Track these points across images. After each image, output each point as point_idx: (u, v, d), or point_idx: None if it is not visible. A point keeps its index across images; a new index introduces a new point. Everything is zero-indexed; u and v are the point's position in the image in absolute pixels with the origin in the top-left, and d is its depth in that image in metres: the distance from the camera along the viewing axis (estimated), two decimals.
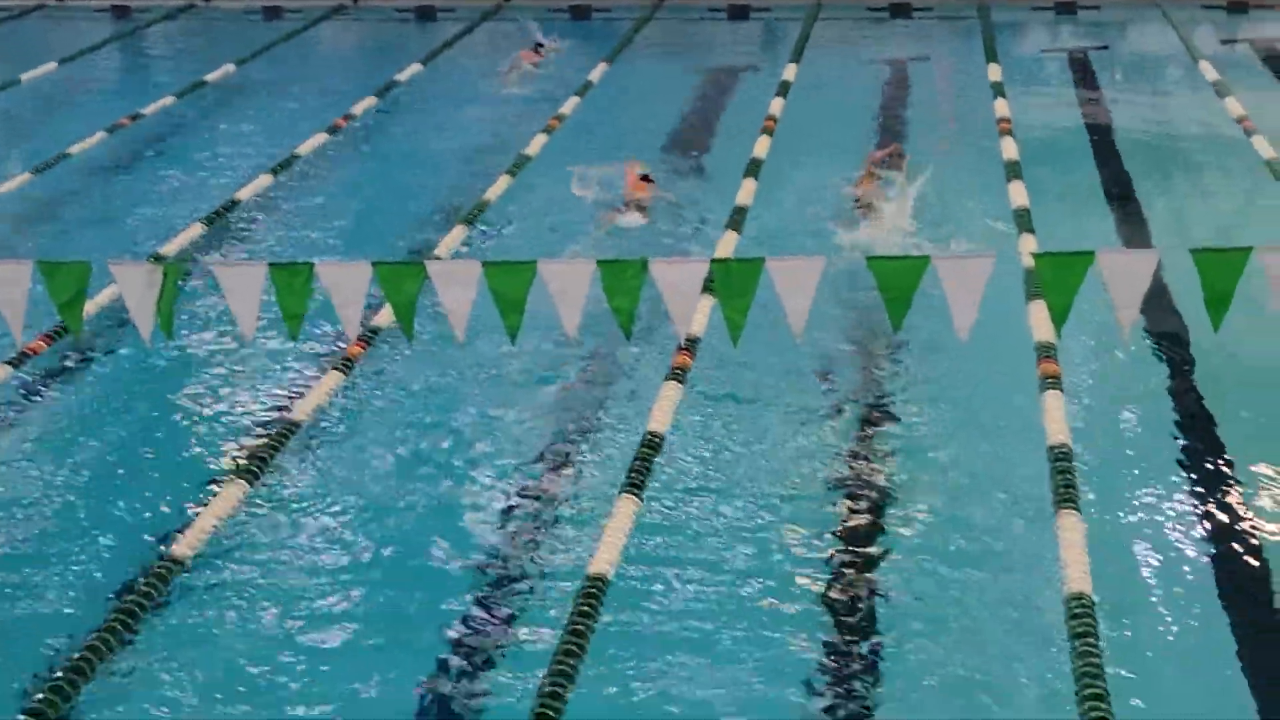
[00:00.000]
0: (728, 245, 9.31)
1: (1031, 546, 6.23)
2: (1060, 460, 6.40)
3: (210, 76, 15.25)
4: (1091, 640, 5.16)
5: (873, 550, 6.38)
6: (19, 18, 19.49)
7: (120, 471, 7.26)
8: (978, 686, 5.46)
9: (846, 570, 6.23)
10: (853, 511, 6.67)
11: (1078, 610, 5.34)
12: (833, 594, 6.07)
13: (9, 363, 7.82)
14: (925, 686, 5.51)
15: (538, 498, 6.89)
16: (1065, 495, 6.12)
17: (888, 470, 7.05)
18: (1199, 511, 6.65)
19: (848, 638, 5.80)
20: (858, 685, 5.50)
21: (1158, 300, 8.47)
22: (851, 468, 7.07)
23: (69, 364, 8.41)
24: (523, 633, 5.88)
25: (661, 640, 5.76)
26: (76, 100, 15.22)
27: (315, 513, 6.75)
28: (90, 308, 7.52)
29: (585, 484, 7.01)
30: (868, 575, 6.20)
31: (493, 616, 5.99)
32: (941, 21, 18.06)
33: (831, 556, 6.34)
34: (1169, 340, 8.31)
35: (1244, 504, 6.67)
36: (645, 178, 11.23)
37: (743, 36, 18.16)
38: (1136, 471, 7.02)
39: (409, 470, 7.15)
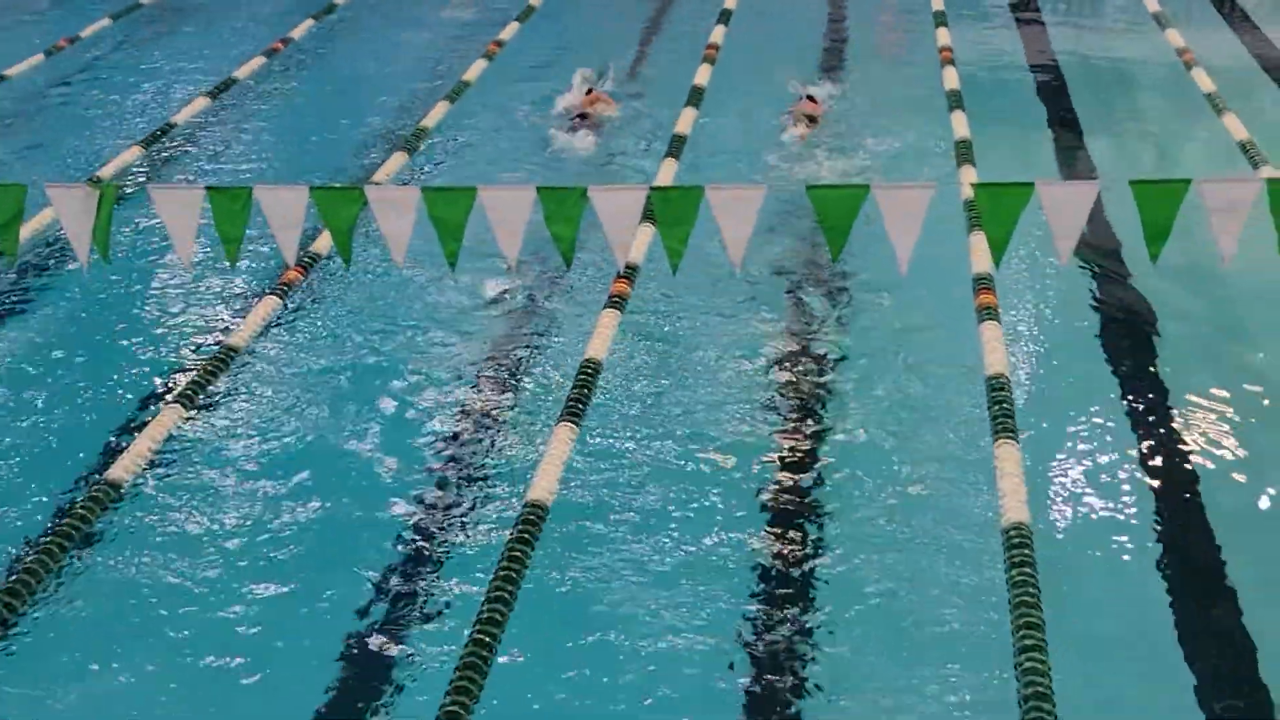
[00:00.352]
0: (667, 173, 9.29)
1: (970, 477, 6.30)
2: (998, 390, 6.45)
3: None
4: (1029, 570, 5.23)
5: (811, 480, 6.42)
6: None
7: (57, 396, 7.19)
8: (916, 617, 5.54)
9: (784, 500, 6.27)
10: (790, 442, 6.71)
11: (1015, 540, 5.41)
12: (769, 525, 6.12)
13: None
14: (860, 615, 5.58)
15: (476, 425, 6.89)
16: (1003, 425, 6.18)
17: (827, 401, 7.09)
18: (1137, 441, 6.73)
19: (785, 567, 5.85)
20: (795, 615, 5.56)
21: (1097, 231, 8.53)
22: (791, 398, 7.10)
23: (5, 289, 8.30)
24: (461, 562, 5.89)
25: (599, 568, 5.80)
26: (11, 23, 14.92)
27: (251, 438, 6.72)
28: (25, 231, 7.41)
29: (524, 411, 7.02)
30: (806, 505, 6.25)
31: (430, 544, 6.00)
32: None
33: (769, 487, 6.38)
34: (1108, 271, 8.38)
35: (1181, 433, 6.76)
36: (591, 92, 11.36)
37: None
38: (1075, 401, 7.10)
39: (346, 397, 7.13)
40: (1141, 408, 7.02)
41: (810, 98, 11.28)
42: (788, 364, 7.40)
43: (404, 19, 14.79)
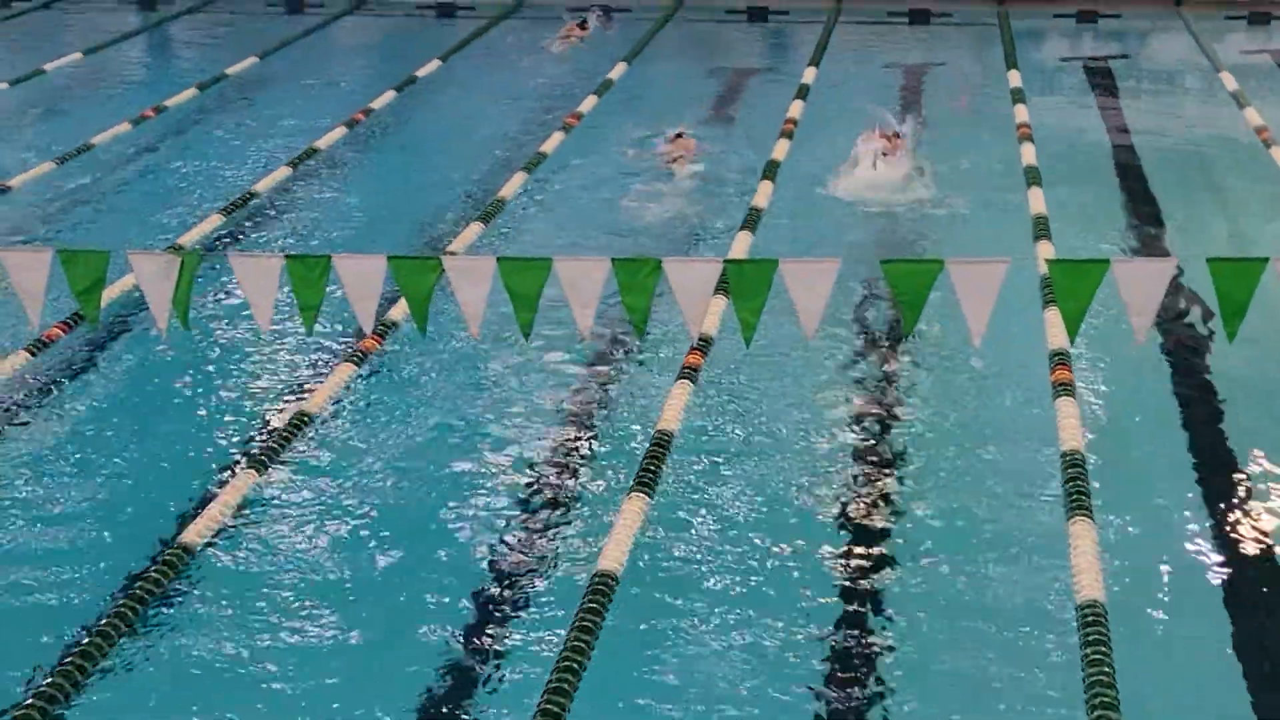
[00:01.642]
0: (741, 246, 9.32)
1: (1044, 553, 6.22)
2: (1073, 467, 6.39)
3: (232, 69, 15.31)
4: (1104, 649, 5.15)
5: (884, 554, 6.37)
6: (45, 8, 19.58)
7: (133, 460, 7.29)
8: (989, 693, 5.46)
9: (856, 574, 6.22)
10: (863, 515, 6.67)
11: (1090, 618, 5.34)
12: (844, 598, 6.07)
13: (27, 349, 7.85)
14: (936, 689, 5.51)
15: (548, 494, 6.90)
16: (1078, 502, 6.11)
17: (899, 475, 7.04)
18: (1211, 520, 6.63)
19: (858, 642, 5.79)
20: (868, 689, 5.50)
21: (1174, 308, 8.47)
22: (863, 472, 7.06)
23: (86, 352, 8.43)
24: (531, 629, 5.88)
25: (669, 638, 5.77)
26: (100, 91, 15.28)
27: (324, 505, 6.77)
28: (108, 296, 7.54)
29: (595, 481, 7.02)
30: (878, 579, 6.19)
31: (501, 612, 6.00)
32: (960, 28, 18.04)
33: (842, 560, 6.33)
34: (1185, 348, 8.29)
35: (1256, 512, 6.66)
36: (679, 135, 12.01)
37: (761, 39, 18.19)
38: (1151, 479, 7.00)
39: (418, 464, 7.16)
40: (1219, 487, 6.91)
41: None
42: (860, 437, 7.36)
43: (483, 91, 14.99)
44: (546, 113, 13.64)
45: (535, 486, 6.96)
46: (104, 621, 5.61)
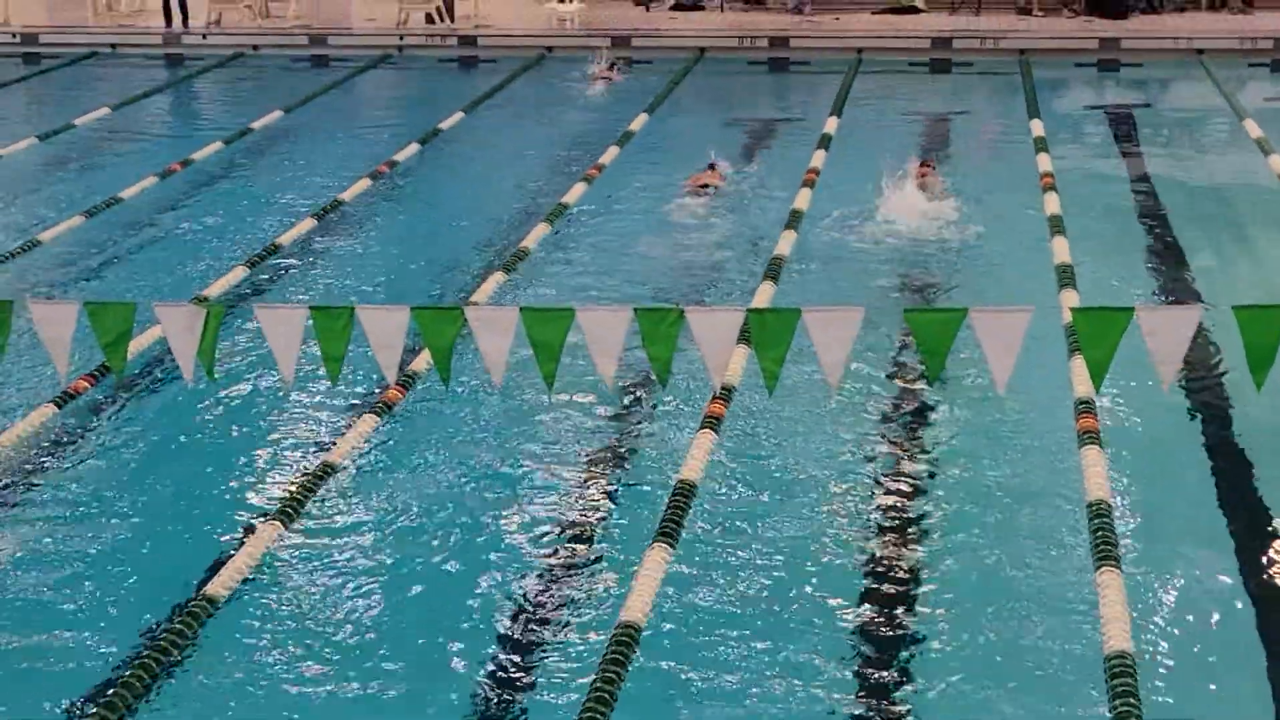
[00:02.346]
0: (764, 296, 9.32)
1: (1072, 604, 6.18)
2: (1099, 517, 6.35)
3: (258, 123, 15.44)
4: (1132, 700, 5.11)
5: (908, 606, 6.33)
6: (73, 64, 19.78)
7: (156, 511, 7.30)
8: None
9: (882, 629, 6.18)
10: (887, 565, 6.63)
11: (1118, 669, 5.29)
12: (866, 652, 6.03)
13: (53, 401, 7.89)
14: None
15: (569, 545, 6.88)
16: (1105, 552, 6.07)
17: (924, 525, 7.01)
18: (1240, 569, 6.57)
19: (882, 698, 5.75)
20: None
21: (1200, 356, 8.43)
22: (886, 521, 7.02)
23: (113, 403, 8.47)
24: (554, 681, 5.86)
25: (692, 690, 5.73)
26: (128, 146, 15.42)
27: (348, 556, 6.76)
28: (135, 348, 7.58)
29: (618, 531, 7.00)
30: (905, 637, 6.15)
31: (524, 662, 5.98)
32: (982, 77, 18.09)
33: (867, 611, 6.29)
34: (1211, 397, 8.25)
35: None
36: (711, 166, 12.58)
37: (782, 89, 18.26)
38: (1178, 528, 6.95)
39: (441, 514, 7.16)
40: (1247, 536, 6.86)
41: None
42: (884, 486, 7.33)
43: (506, 143, 15.08)
44: (568, 164, 13.71)
45: (557, 537, 6.94)
46: (128, 673, 5.60)
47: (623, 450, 7.85)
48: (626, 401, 8.31)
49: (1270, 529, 6.91)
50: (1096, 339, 5.35)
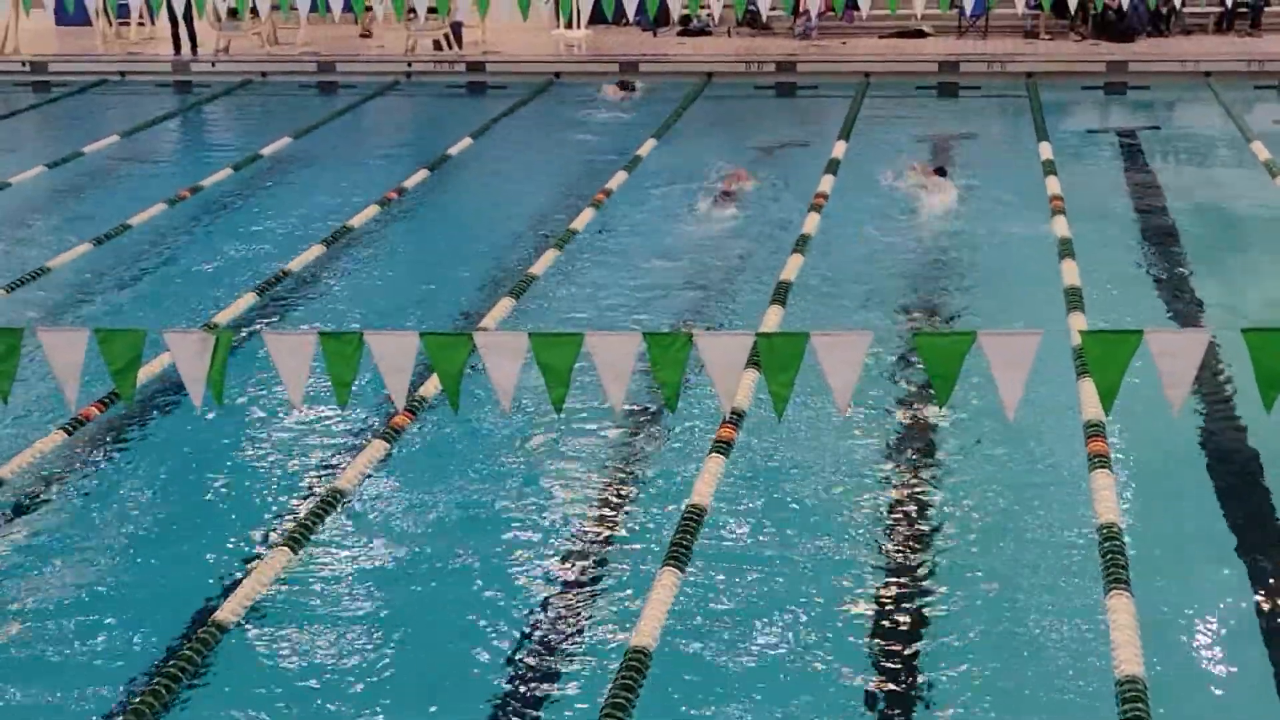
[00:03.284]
0: (773, 319, 9.32)
1: (1083, 628, 6.16)
2: (1110, 540, 6.33)
3: (267, 149, 15.48)
4: None
5: (918, 632, 6.31)
6: (82, 91, 19.87)
7: (167, 537, 7.30)
8: None
9: (891, 653, 6.17)
10: (898, 589, 6.61)
11: (1130, 693, 5.27)
12: (877, 675, 6.01)
13: (62, 428, 7.91)
14: None
15: (580, 569, 6.87)
16: (1115, 575, 6.05)
17: (933, 550, 6.99)
18: (1252, 592, 6.55)
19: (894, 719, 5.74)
20: None
21: (1210, 378, 8.42)
22: (897, 546, 7.01)
23: (121, 430, 8.48)
24: (564, 705, 5.85)
25: (702, 715, 5.72)
26: (137, 173, 15.47)
27: (356, 581, 6.76)
28: (144, 375, 7.59)
29: (627, 556, 6.99)
30: (913, 655, 6.14)
31: (534, 687, 5.96)
32: (989, 100, 18.11)
33: (877, 633, 6.28)
34: (1221, 419, 8.23)
35: None
36: (737, 175, 13.42)
37: (790, 113, 18.29)
38: (1189, 551, 6.93)
39: (451, 539, 7.15)
40: (1258, 558, 6.84)
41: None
42: (894, 510, 7.32)
43: (515, 168, 15.10)
44: (577, 189, 13.73)
45: (567, 561, 6.94)
46: (138, 699, 5.60)
47: (632, 474, 7.84)
48: (636, 425, 8.31)
49: None
50: (1106, 362, 5.36)
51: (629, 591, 6.60)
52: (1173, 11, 20.05)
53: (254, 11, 19.72)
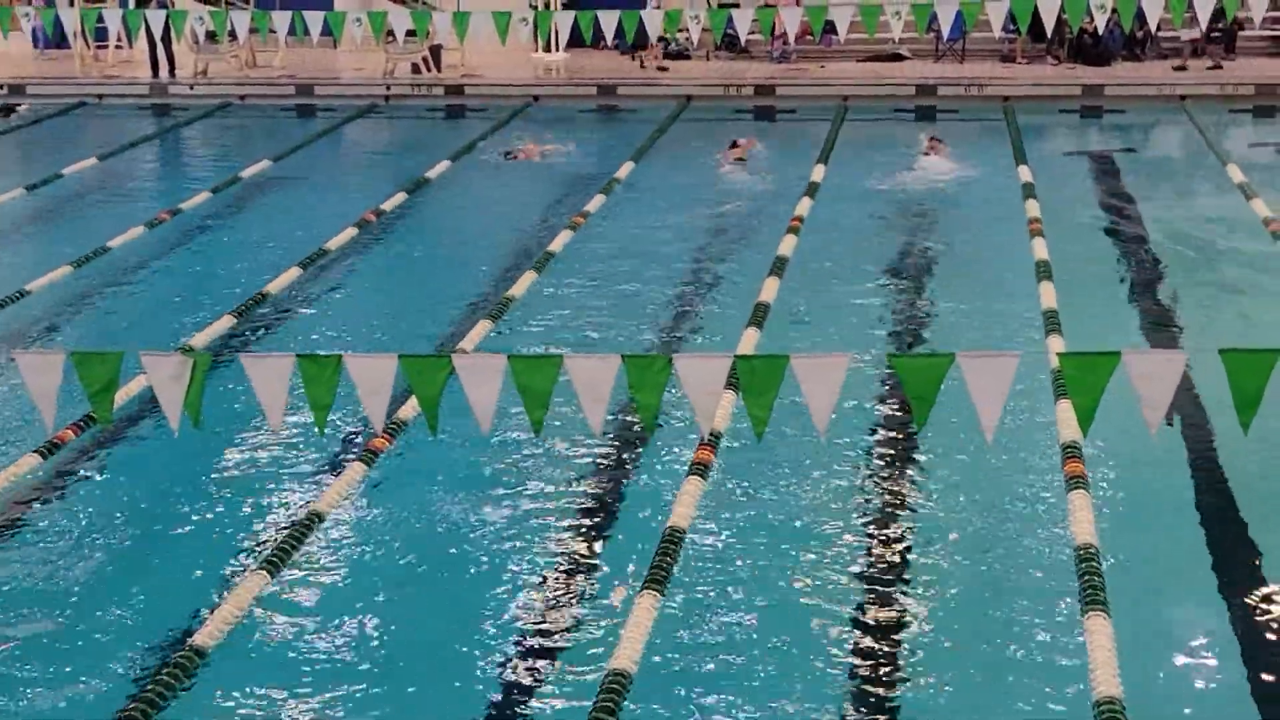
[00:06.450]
0: (749, 342, 9.33)
1: (1060, 649, 6.16)
2: (1087, 561, 6.34)
3: (245, 172, 15.47)
4: None
5: (897, 654, 6.31)
6: (62, 114, 19.83)
7: (143, 561, 7.27)
8: None
9: (870, 675, 6.17)
10: (877, 614, 6.61)
11: (1106, 714, 5.27)
12: (855, 697, 6.01)
13: (38, 451, 7.87)
14: None
15: (559, 592, 6.86)
16: (1092, 596, 6.06)
17: (911, 571, 7.00)
18: (1228, 613, 6.57)
19: None
20: None
21: (1187, 400, 8.44)
22: (876, 568, 7.01)
23: (98, 453, 8.44)
24: None
25: None
26: (116, 195, 15.44)
27: (335, 605, 6.73)
28: (121, 397, 7.56)
29: (607, 578, 6.98)
30: (893, 681, 6.13)
31: (514, 711, 5.94)
32: (966, 123, 18.20)
33: (856, 656, 6.28)
34: (1198, 440, 8.26)
35: (1274, 605, 6.59)
36: (734, 143, 14.67)
37: (768, 135, 18.34)
38: (1166, 572, 6.95)
39: (429, 563, 7.13)
40: (1235, 579, 6.86)
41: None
42: (872, 531, 7.33)
43: (494, 193, 15.11)
44: (555, 211, 13.74)
45: (546, 584, 6.92)
46: None
47: (611, 496, 7.83)
48: (614, 447, 8.30)
49: (1257, 571, 6.90)
50: (1083, 384, 5.39)
51: (608, 613, 6.58)
52: (1148, 36, 20.19)
53: (232, 35, 19.74)
